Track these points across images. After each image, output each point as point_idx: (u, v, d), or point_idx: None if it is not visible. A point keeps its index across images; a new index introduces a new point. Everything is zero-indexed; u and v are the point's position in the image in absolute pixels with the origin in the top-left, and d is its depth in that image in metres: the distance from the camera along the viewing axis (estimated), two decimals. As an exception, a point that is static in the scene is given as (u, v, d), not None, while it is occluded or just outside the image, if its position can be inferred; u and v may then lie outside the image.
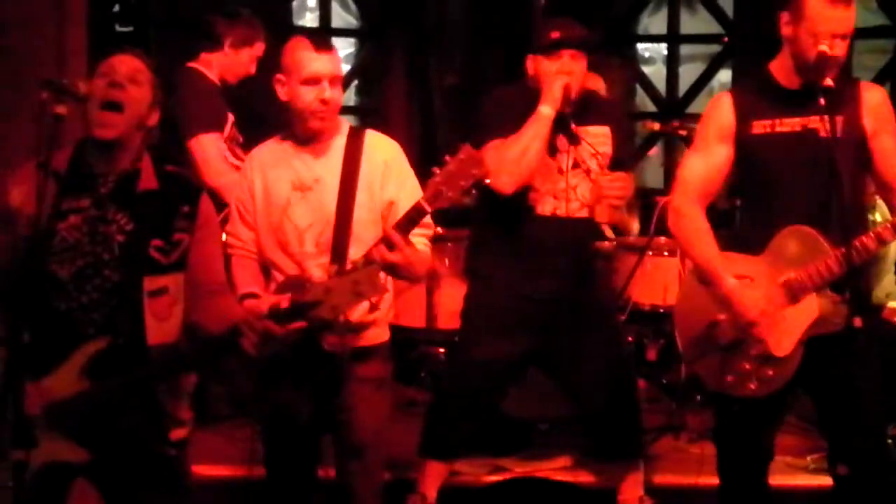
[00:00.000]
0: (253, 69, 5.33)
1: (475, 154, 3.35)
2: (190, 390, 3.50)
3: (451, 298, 5.34)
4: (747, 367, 3.66)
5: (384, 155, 3.73)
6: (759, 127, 3.69)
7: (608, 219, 4.70)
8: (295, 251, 3.67)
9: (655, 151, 8.78)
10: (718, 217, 4.20)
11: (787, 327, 3.60)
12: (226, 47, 5.25)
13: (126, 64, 3.24)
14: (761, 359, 3.63)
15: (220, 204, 4.24)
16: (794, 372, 3.62)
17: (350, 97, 8.60)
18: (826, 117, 3.51)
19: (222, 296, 3.42)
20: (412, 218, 3.40)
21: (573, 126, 4.27)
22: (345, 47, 8.58)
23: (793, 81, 3.65)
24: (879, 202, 4.67)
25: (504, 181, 4.14)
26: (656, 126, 6.96)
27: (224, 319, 3.25)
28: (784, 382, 3.63)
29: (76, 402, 3.16)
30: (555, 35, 4.20)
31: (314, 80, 3.60)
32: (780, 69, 3.69)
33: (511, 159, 4.12)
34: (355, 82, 8.66)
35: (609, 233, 5.78)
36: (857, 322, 3.31)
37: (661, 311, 5.70)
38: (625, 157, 4.47)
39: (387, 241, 3.39)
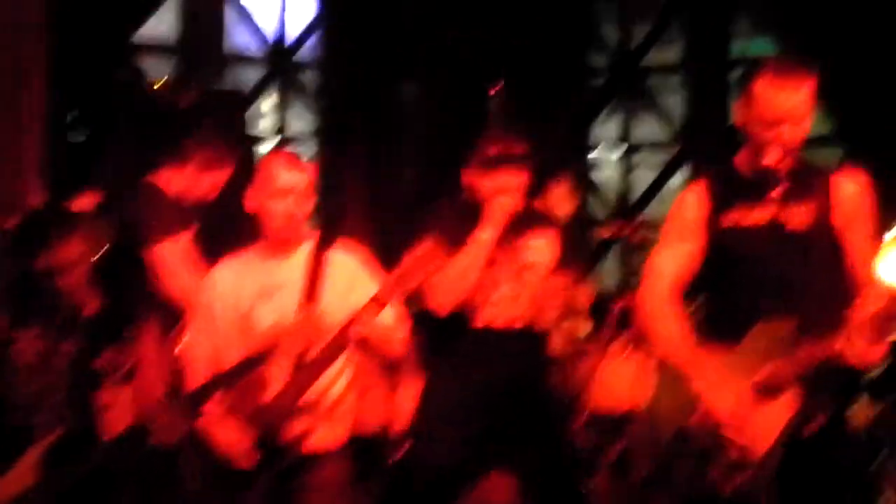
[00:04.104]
0: (214, 195, 5.27)
1: (432, 250, 3.45)
2: None
3: (410, 401, 5.29)
4: (721, 472, 3.48)
5: (350, 264, 3.78)
6: (726, 220, 3.59)
7: (552, 324, 4.67)
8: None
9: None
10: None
11: (765, 427, 3.47)
12: (190, 167, 5.20)
13: (62, 254, 3.37)
14: (736, 463, 3.48)
15: (175, 314, 4.24)
16: (770, 475, 3.46)
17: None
18: (793, 208, 3.47)
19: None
20: (371, 309, 3.49)
21: (514, 237, 4.28)
22: (299, 152, 8.65)
23: (756, 171, 3.53)
24: None
25: (440, 302, 4.12)
26: (610, 232, 7.04)
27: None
28: (761, 487, 3.46)
29: (32, 494, 3.22)
30: (493, 151, 4.19)
31: (283, 193, 3.66)
32: (744, 160, 3.59)
33: (448, 282, 4.13)
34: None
35: (560, 340, 5.75)
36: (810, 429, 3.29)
37: (619, 414, 5.69)
38: (565, 262, 4.40)
39: (358, 319, 3.48)
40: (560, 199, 5.91)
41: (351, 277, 3.75)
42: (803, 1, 7.65)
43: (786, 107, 3.43)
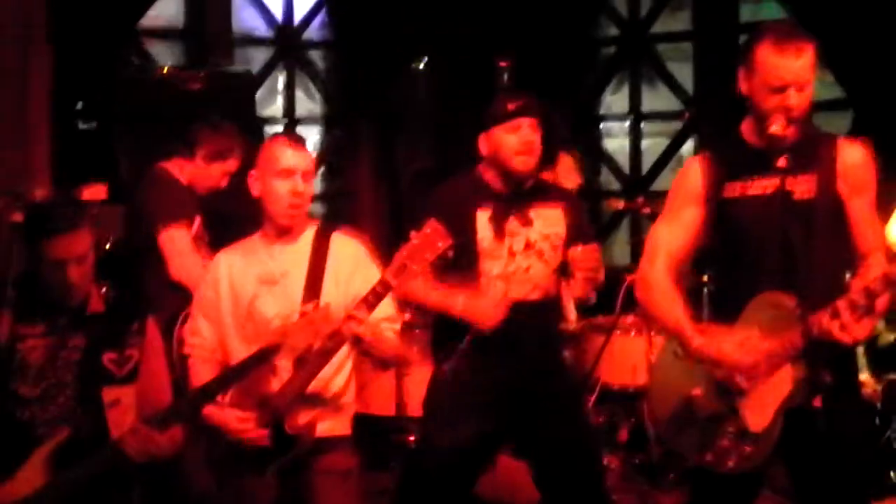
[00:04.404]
0: (224, 183, 5.31)
1: (440, 227, 3.44)
2: None
3: (421, 386, 5.29)
4: (725, 443, 3.54)
5: (351, 251, 3.84)
6: (731, 190, 3.59)
7: (583, 292, 4.67)
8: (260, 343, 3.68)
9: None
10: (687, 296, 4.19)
11: (763, 401, 3.49)
12: (198, 158, 5.24)
13: (69, 246, 3.32)
14: (739, 435, 3.52)
15: (188, 297, 4.28)
16: (772, 447, 3.50)
17: (317, 184, 8.66)
18: (799, 177, 3.47)
19: None
20: (378, 293, 3.53)
21: (525, 208, 4.30)
22: (311, 135, 8.66)
23: (762, 140, 3.54)
24: None
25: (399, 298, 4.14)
26: (620, 204, 7.01)
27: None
28: (763, 459, 3.52)
29: (41, 495, 3.22)
30: (511, 106, 4.22)
31: (288, 174, 3.72)
32: (749, 129, 3.59)
33: (409, 294, 4.18)
34: (322, 169, 8.71)
35: (573, 314, 5.77)
36: (816, 402, 3.28)
37: (631, 390, 5.70)
38: (584, 233, 4.43)
39: (352, 316, 3.50)
40: (567, 172, 5.90)
41: (353, 265, 3.80)
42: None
43: (789, 72, 3.43)
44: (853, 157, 3.58)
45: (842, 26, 7.34)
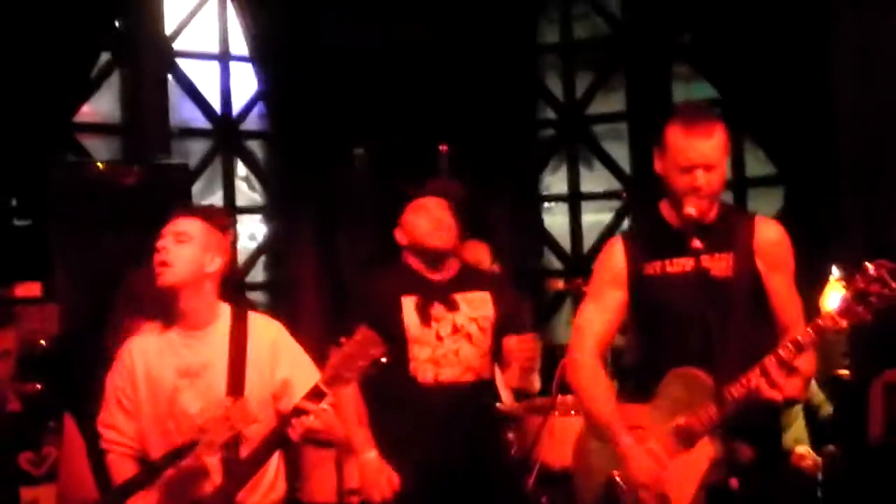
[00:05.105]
0: None
1: (371, 335, 3.39)
2: None
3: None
4: None
5: (270, 335, 3.72)
6: (651, 268, 3.64)
7: (519, 383, 4.69)
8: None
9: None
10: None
11: (684, 477, 3.48)
12: None
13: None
14: None
15: None
16: None
17: (258, 273, 8.66)
18: (716, 255, 3.51)
19: None
20: (314, 398, 3.40)
21: (450, 293, 4.33)
22: (252, 224, 8.67)
23: (679, 220, 3.57)
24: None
25: None
26: (561, 284, 7.04)
27: None
28: None
29: None
30: (414, 189, 4.39)
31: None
32: (667, 209, 3.64)
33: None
34: (263, 258, 8.72)
35: (509, 399, 5.74)
36: (734, 484, 3.29)
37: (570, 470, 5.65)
38: (515, 321, 4.46)
39: (298, 413, 3.38)
40: (477, 259, 5.92)
41: (274, 349, 3.69)
42: (740, 47, 7.72)
43: (696, 153, 3.49)
44: (770, 234, 3.63)
45: (772, 104, 7.50)
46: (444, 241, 4.32)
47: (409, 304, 4.30)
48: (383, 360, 3.71)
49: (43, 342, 5.72)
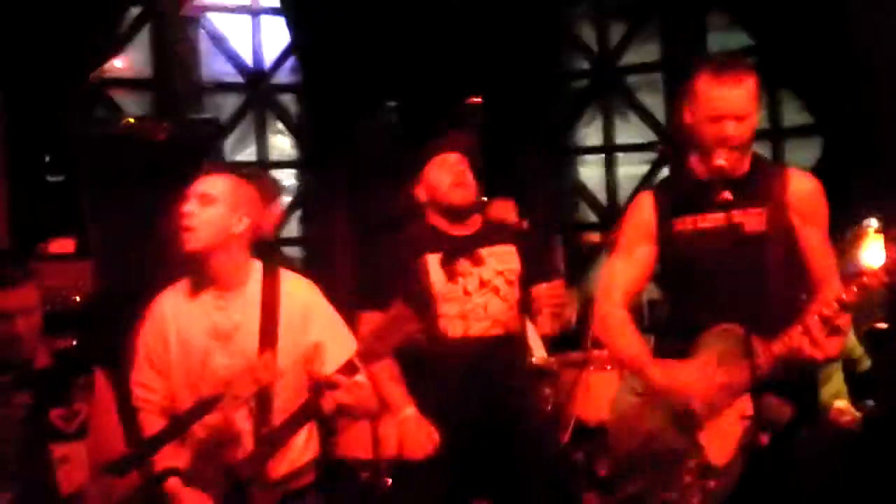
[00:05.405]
0: None
1: (405, 311, 3.34)
2: None
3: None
4: (688, 480, 3.48)
5: (303, 297, 3.67)
6: (681, 224, 3.58)
7: (550, 329, 4.65)
8: None
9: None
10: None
11: (724, 434, 3.44)
12: None
13: (14, 300, 3.32)
14: (702, 470, 3.46)
15: None
16: (736, 481, 3.44)
17: (292, 228, 8.65)
18: (749, 210, 3.46)
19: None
20: (347, 371, 3.37)
21: (475, 248, 4.29)
22: (286, 178, 8.66)
23: (708, 173, 3.50)
24: None
25: None
26: (596, 238, 6.99)
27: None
28: (727, 493, 3.45)
29: None
30: (436, 143, 4.33)
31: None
32: (696, 162, 3.57)
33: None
34: (297, 212, 8.70)
35: (541, 350, 5.72)
36: (763, 440, 3.25)
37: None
38: (543, 269, 4.42)
39: (330, 386, 3.36)
40: (504, 213, 5.89)
41: (307, 310, 3.65)
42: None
43: (726, 102, 3.42)
44: (804, 187, 3.57)
45: (809, 53, 7.38)
46: (468, 198, 4.28)
47: (433, 261, 4.25)
48: (418, 336, 3.69)
49: (77, 298, 5.72)
